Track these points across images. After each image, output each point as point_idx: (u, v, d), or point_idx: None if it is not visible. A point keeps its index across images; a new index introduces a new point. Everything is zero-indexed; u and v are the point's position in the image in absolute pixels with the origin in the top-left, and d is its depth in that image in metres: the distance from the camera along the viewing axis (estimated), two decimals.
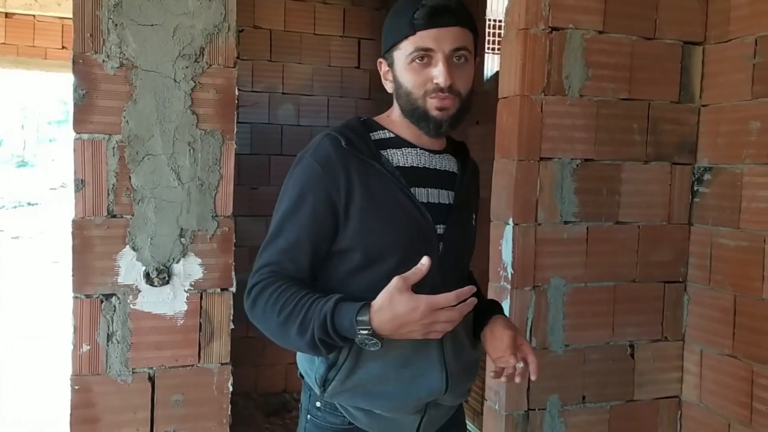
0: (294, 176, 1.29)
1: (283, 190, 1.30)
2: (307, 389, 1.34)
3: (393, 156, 1.30)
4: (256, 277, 1.24)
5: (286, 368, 4.41)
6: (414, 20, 1.22)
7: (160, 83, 1.59)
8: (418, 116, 1.27)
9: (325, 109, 4.38)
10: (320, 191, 1.23)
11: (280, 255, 1.24)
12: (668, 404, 2.26)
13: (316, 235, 1.24)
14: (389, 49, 1.28)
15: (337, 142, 1.24)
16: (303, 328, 1.15)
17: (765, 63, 1.97)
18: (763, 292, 1.96)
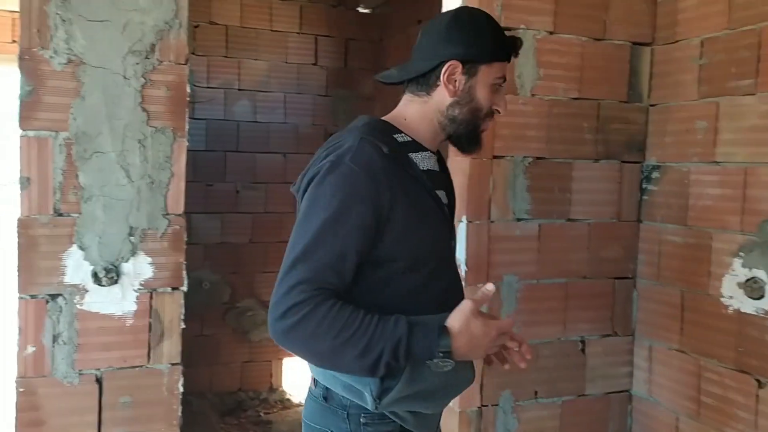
0: (333, 182, 1.19)
1: (317, 196, 1.20)
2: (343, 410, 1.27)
3: (415, 159, 1.32)
4: (295, 294, 1.14)
5: (242, 367, 4.37)
6: (511, 50, 1.34)
7: (110, 80, 1.55)
8: (472, 133, 1.36)
9: (282, 105, 4.34)
10: (366, 199, 1.18)
11: (323, 269, 1.15)
12: (619, 398, 2.32)
13: (363, 245, 1.19)
14: (480, 62, 1.31)
15: (377, 149, 1.22)
16: (366, 351, 1.13)
17: (710, 64, 2.03)
18: (710, 288, 2.03)
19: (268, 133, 4.33)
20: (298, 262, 1.16)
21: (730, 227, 1.97)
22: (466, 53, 1.31)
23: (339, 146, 1.23)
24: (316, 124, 4.44)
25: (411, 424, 1.28)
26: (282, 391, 4.46)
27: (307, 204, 1.21)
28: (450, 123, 1.34)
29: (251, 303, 4.38)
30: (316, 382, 1.32)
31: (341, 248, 1.17)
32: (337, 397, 1.27)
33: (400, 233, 1.22)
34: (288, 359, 4.50)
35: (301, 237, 1.18)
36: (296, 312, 1.13)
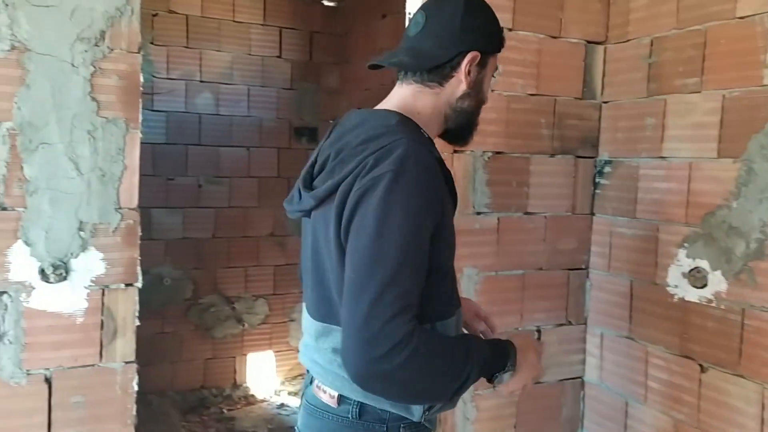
0: (405, 192, 1.09)
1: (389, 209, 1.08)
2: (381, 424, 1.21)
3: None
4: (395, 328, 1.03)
5: (205, 364, 4.33)
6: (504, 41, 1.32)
7: (57, 68, 1.51)
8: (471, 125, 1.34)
9: (245, 98, 4.30)
10: (434, 208, 1.13)
11: (411, 297, 1.07)
12: (572, 385, 2.37)
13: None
14: (491, 52, 1.30)
15: (431, 151, 1.18)
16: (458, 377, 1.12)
17: (659, 63, 2.09)
18: (656, 278, 2.08)
19: (231, 126, 4.28)
20: (386, 291, 1.04)
21: (675, 220, 2.03)
22: (485, 43, 1.27)
23: (391, 150, 1.11)
24: (281, 118, 4.41)
25: (434, 423, 1.30)
26: (246, 387, 4.43)
27: (375, 220, 1.08)
28: (456, 115, 1.29)
29: (214, 299, 4.34)
30: (341, 399, 1.21)
31: (423, 266, 1.10)
32: (376, 412, 1.20)
33: (447, 239, 1.19)
34: (252, 355, 4.48)
35: (384, 258, 1.06)
36: (400, 351, 1.03)
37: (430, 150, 1.18)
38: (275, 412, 4.13)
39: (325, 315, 1.22)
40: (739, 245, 1.80)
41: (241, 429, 3.88)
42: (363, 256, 1.08)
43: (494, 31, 1.31)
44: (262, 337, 4.50)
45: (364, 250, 1.08)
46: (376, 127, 1.19)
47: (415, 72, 1.28)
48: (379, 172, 1.09)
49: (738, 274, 1.81)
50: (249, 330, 4.46)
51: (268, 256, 4.47)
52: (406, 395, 1.12)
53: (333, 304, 1.19)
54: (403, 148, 1.11)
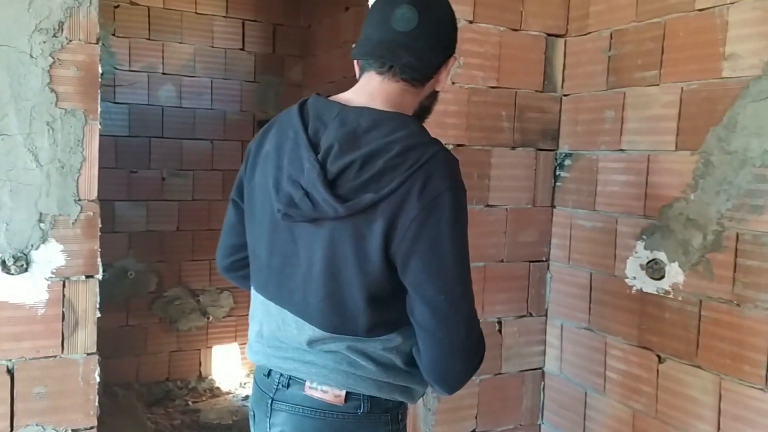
0: (464, 204, 1.21)
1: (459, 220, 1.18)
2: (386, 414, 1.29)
3: None
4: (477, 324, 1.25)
5: (170, 356, 4.31)
6: None
7: (15, 58, 1.49)
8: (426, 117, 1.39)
9: (208, 91, 4.27)
10: None
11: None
12: (532, 376, 2.42)
13: None
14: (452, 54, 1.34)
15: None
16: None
17: (619, 56, 2.13)
18: (615, 270, 2.14)
19: (194, 119, 4.25)
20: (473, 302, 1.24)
21: (633, 212, 2.08)
22: (453, 48, 1.35)
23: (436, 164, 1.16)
24: (244, 111, 4.40)
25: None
26: (211, 379, 4.43)
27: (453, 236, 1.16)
28: (420, 112, 1.36)
29: (179, 292, 4.32)
30: (349, 396, 1.25)
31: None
32: (381, 404, 1.27)
33: None
34: (217, 347, 4.46)
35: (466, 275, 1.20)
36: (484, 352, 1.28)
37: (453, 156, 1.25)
38: (240, 404, 4.13)
39: (337, 326, 1.23)
40: (696, 237, 1.86)
41: (206, 421, 3.87)
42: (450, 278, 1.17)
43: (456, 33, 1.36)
44: (227, 329, 4.50)
45: (451, 271, 1.17)
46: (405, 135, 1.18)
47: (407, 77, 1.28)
48: (437, 190, 1.14)
49: (695, 265, 1.86)
50: (214, 323, 4.45)
51: None
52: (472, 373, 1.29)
53: (349, 317, 1.22)
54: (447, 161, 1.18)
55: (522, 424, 2.41)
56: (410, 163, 1.15)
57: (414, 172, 1.14)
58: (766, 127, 1.69)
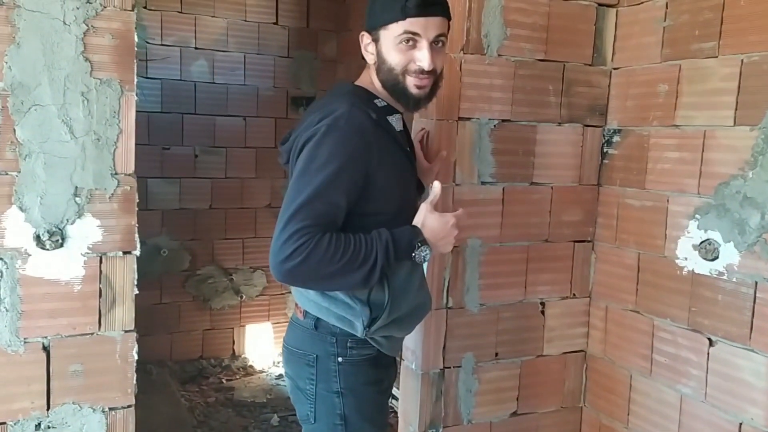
0: (331, 143, 1.38)
1: (316, 154, 1.38)
2: (332, 336, 1.53)
3: (391, 121, 1.52)
4: (297, 237, 1.32)
5: (203, 335, 4.32)
6: (407, 8, 1.41)
7: (48, 25, 1.43)
8: (399, 91, 1.49)
9: (241, 66, 4.21)
10: (359, 160, 1.40)
11: (318, 218, 1.35)
12: (575, 358, 2.35)
13: (353, 199, 1.41)
14: (377, 27, 1.47)
15: (367, 114, 1.43)
16: (365, 262, 1.38)
17: (675, 26, 2.02)
18: (665, 250, 2.05)
19: (227, 95, 4.20)
20: (298, 212, 1.34)
21: (687, 190, 1.98)
22: (367, 23, 1.51)
23: (332, 111, 1.41)
24: (278, 87, 4.33)
25: (385, 347, 1.57)
26: (244, 358, 4.43)
27: (305, 162, 1.39)
28: (383, 86, 1.52)
29: (212, 270, 4.31)
30: (305, 313, 1.56)
31: (337, 201, 1.38)
32: (328, 326, 1.53)
33: (384, 189, 1.46)
34: (251, 326, 4.46)
35: (301, 191, 1.36)
36: (302, 251, 1.32)
37: (367, 113, 1.43)
38: (273, 383, 4.13)
39: None
40: (753, 216, 1.76)
41: (240, 398, 3.88)
42: (290, 190, 1.40)
43: (373, 8, 1.48)
44: (260, 308, 4.49)
45: (290, 187, 1.40)
46: (332, 94, 1.54)
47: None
48: (317, 126, 1.41)
49: (752, 246, 1.77)
50: (247, 301, 4.45)
51: (265, 228, 4.43)
52: (319, 284, 1.43)
53: None
54: (342, 110, 1.41)
55: (564, 406, 2.35)
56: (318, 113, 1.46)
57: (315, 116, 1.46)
58: None
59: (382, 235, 1.41)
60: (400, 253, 1.44)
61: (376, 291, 1.48)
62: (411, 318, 1.61)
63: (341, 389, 1.54)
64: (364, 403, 1.57)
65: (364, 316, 1.49)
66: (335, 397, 1.54)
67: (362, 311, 1.49)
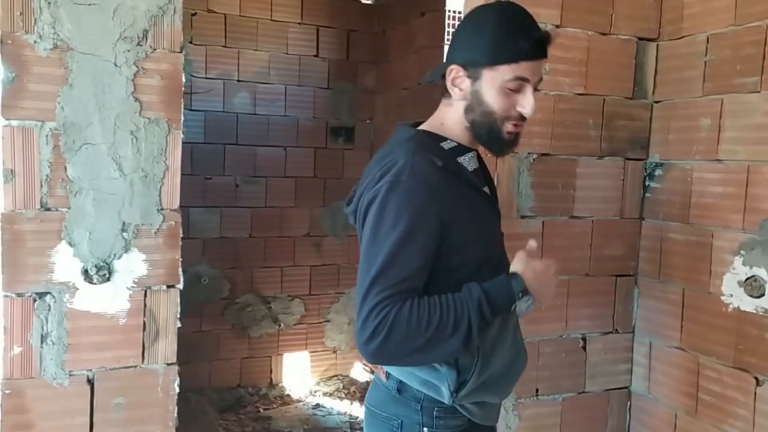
0: (396, 202, 1.24)
1: (383, 218, 1.25)
2: (416, 403, 1.36)
3: (463, 162, 1.37)
4: (377, 314, 1.19)
5: (241, 363, 4.35)
6: (523, 51, 1.27)
7: (100, 67, 1.50)
8: (492, 136, 1.34)
9: (282, 98, 4.29)
10: (430, 214, 1.24)
11: (396, 286, 1.21)
12: (618, 395, 2.29)
13: (430, 257, 1.25)
14: (480, 65, 1.30)
15: (432, 162, 1.28)
16: (457, 327, 1.21)
17: (716, 61, 1.99)
18: (710, 286, 1.99)
19: (268, 125, 4.28)
20: (373, 285, 1.21)
21: (731, 225, 1.93)
22: (466, 58, 1.32)
23: (392, 165, 1.27)
24: (317, 117, 4.40)
25: (478, 416, 1.38)
26: (281, 386, 4.44)
27: (373, 228, 1.25)
28: (472, 127, 1.36)
29: (251, 298, 4.35)
30: (388, 375, 1.40)
31: (415, 265, 1.23)
32: (412, 391, 1.36)
33: (464, 240, 1.30)
34: (288, 355, 4.47)
35: (373, 261, 1.23)
36: (383, 327, 1.18)
37: (431, 161, 1.28)
38: (311, 413, 4.12)
39: None
40: None
41: (277, 428, 3.87)
42: (361, 261, 1.26)
43: (481, 44, 1.29)
44: (297, 337, 4.50)
45: (363, 254, 1.27)
46: (392, 143, 1.38)
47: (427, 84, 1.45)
48: (379, 185, 1.27)
49: None
50: (285, 330, 4.46)
51: (303, 257, 4.47)
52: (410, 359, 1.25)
53: None
54: (402, 162, 1.26)
55: None
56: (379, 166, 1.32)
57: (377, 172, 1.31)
58: None
59: (473, 292, 1.24)
60: (497, 309, 1.26)
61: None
62: (505, 378, 1.42)
63: None
64: None
65: (451, 380, 1.31)
66: None
67: (448, 374, 1.31)
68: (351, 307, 4.67)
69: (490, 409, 1.44)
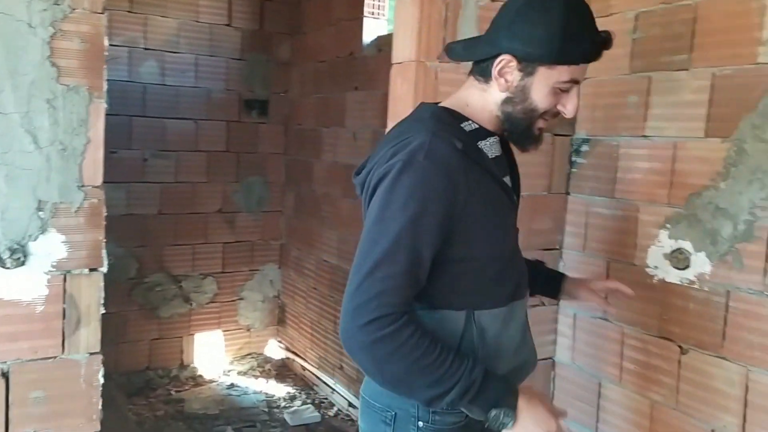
0: (408, 183, 1.15)
1: (392, 198, 1.16)
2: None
3: (484, 148, 1.29)
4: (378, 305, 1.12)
5: (150, 344, 4.17)
6: (588, 54, 1.24)
7: (11, 28, 1.33)
8: (521, 129, 1.29)
9: (192, 68, 4.09)
10: (443, 199, 1.17)
11: (405, 276, 1.14)
12: (542, 366, 2.35)
13: (437, 246, 1.18)
14: (537, 61, 1.21)
15: (451, 145, 1.19)
16: (437, 384, 1.14)
17: (645, 38, 2.05)
18: (636, 259, 2.08)
19: (177, 97, 4.07)
20: (379, 267, 1.13)
21: (657, 200, 2.01)
22: (523, 51, 1.21)
23: (408, 142, 1.19)
24: (230, 89, 4.23)
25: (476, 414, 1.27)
26: (193, 367, 4.31)
27: (380, 207, 1.17)
28: (504, 119, 1.29)
29: (160, 277, 4.16)
30: None
31: (419, 252, 1.15)
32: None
33: (474, 232, 1.22)
34: (200, 335, 4.33)
35: (381, 239, 1.15)
36: (380, 327, 1.12)
37: (451, 143, 1.19)
38: (225, 393, 4.02)
39: None
40: (726, 227, 1.80)
41: (190, 410, 3.75)
42: (364, 238, 1.18)
43: (547, 39, 1.19)
44: (210, 316, 4.37)
45: (366, 233, 1.18)
46: (411, 119, 1.30)
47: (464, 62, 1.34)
48: (392, 162, 1.18)
49: (723, 255, 1.81)
50: (196, 309, 4.32)
51: (216, 233, 4.33)
52: (378, 375, 1.17)
53: None
54: (419, 141, 1.18)
55: None
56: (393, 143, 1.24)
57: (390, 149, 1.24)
58: None
59: (474, 370, 1.16)
60: (479, 401, 1.18)
61: (465, 346, 1.25)
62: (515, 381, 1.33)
63: None
64: None
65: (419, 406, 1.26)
66: None
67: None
68: (265, 285, 4.58)
69: None
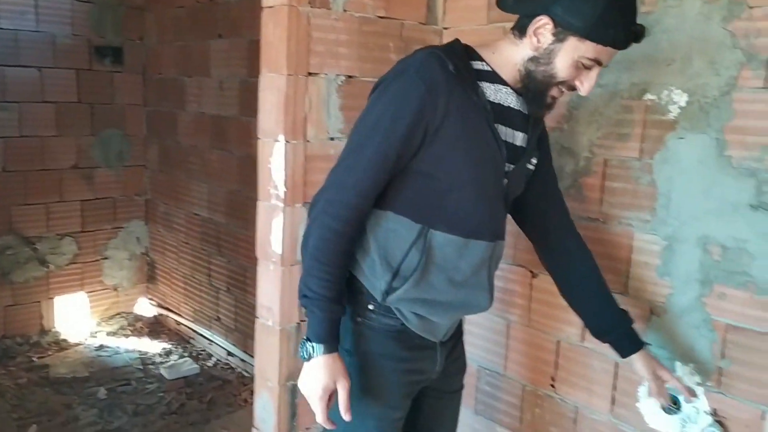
0: (395, 90, 1.27)
1: (379, 99, 1.30)
2: (357, 293, 1.41)
3: (487, 89, 1.34)
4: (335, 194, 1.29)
5: (5, 311, 3.92)
6: (618, 41, 1.27)
7: None
8: (537, 91, 1.34)
9: (32, 9, 3.77)
10: (419, 112, 1.25)
11: (364, 172, 1.27)
12: None
13: (404, 152, 1.28)
14: (572, 30, 1.26)
15: (444, 65, 1.27)
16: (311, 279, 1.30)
17: None
18: None
19: (16, 42, 3.73)
20: (349, 156, 1.31)
21: None
22: (562, 17, 1.26)
23: (413, 56, 1.32)
24: (78, 35, 3.94)
25: (414, 325, 1.42)
26: (55, 332, 4.11)
27: (369, 106, 1.32)
28: (524, 76, 1.35)
29: (10, 240, 3.89)
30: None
31: (385, 151, 1.26)
32: (357, 284, 1.40)
33: (444, 152, 1.30)
34: (61, 298, 4.11)
35: (357, 133, 1.32)
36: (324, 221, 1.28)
37: (444, 64, 1.27)
38: (94, 355, 3.89)
39: None
40: (569, 164, 2.02)
41: (57, 375, 3.60)
42: (348, 141, 1.35)
43: (588, 13, 1.23)
44: (71, 278, 4.17)
45: (353, 129, 1.35)
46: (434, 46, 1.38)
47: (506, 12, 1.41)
48: (388, 72, 1.33)
49: (568, 189, 2.02)
50: (55, 271, 4.10)
51: (72, 191, 4.09)
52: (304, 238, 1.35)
53: None
54: (418, 57, 1.30)
55: None
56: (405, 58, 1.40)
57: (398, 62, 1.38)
58: (633, 61, 1.85)
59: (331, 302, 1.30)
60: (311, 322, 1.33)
61: (411, 257, 1.34)
62: (449, 309, 1.44)
63: (351, 349, 1.42)
64: (372, 374, 1.42)
65: (383, 280, 1.35)
66: (346, 355, 1.40)
67: (382, 274, 1.35)
68: (131, 242, 4.42)
69: (431, 324, 1.44)
